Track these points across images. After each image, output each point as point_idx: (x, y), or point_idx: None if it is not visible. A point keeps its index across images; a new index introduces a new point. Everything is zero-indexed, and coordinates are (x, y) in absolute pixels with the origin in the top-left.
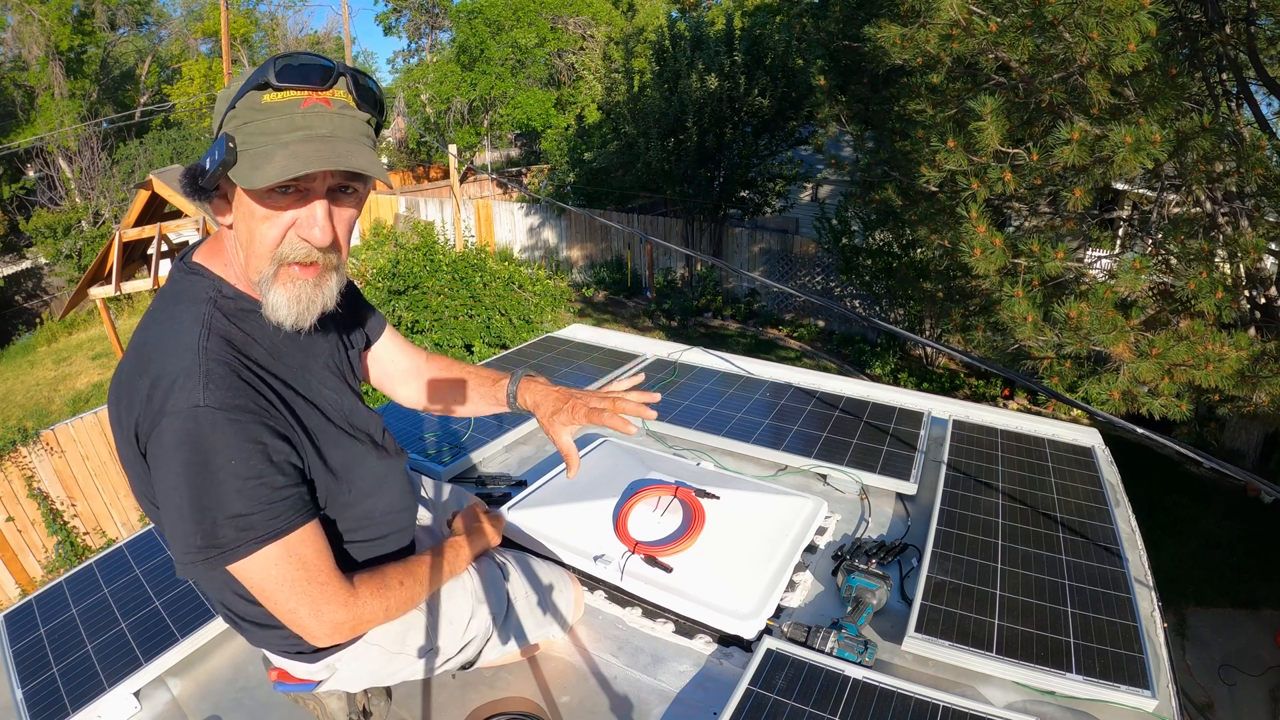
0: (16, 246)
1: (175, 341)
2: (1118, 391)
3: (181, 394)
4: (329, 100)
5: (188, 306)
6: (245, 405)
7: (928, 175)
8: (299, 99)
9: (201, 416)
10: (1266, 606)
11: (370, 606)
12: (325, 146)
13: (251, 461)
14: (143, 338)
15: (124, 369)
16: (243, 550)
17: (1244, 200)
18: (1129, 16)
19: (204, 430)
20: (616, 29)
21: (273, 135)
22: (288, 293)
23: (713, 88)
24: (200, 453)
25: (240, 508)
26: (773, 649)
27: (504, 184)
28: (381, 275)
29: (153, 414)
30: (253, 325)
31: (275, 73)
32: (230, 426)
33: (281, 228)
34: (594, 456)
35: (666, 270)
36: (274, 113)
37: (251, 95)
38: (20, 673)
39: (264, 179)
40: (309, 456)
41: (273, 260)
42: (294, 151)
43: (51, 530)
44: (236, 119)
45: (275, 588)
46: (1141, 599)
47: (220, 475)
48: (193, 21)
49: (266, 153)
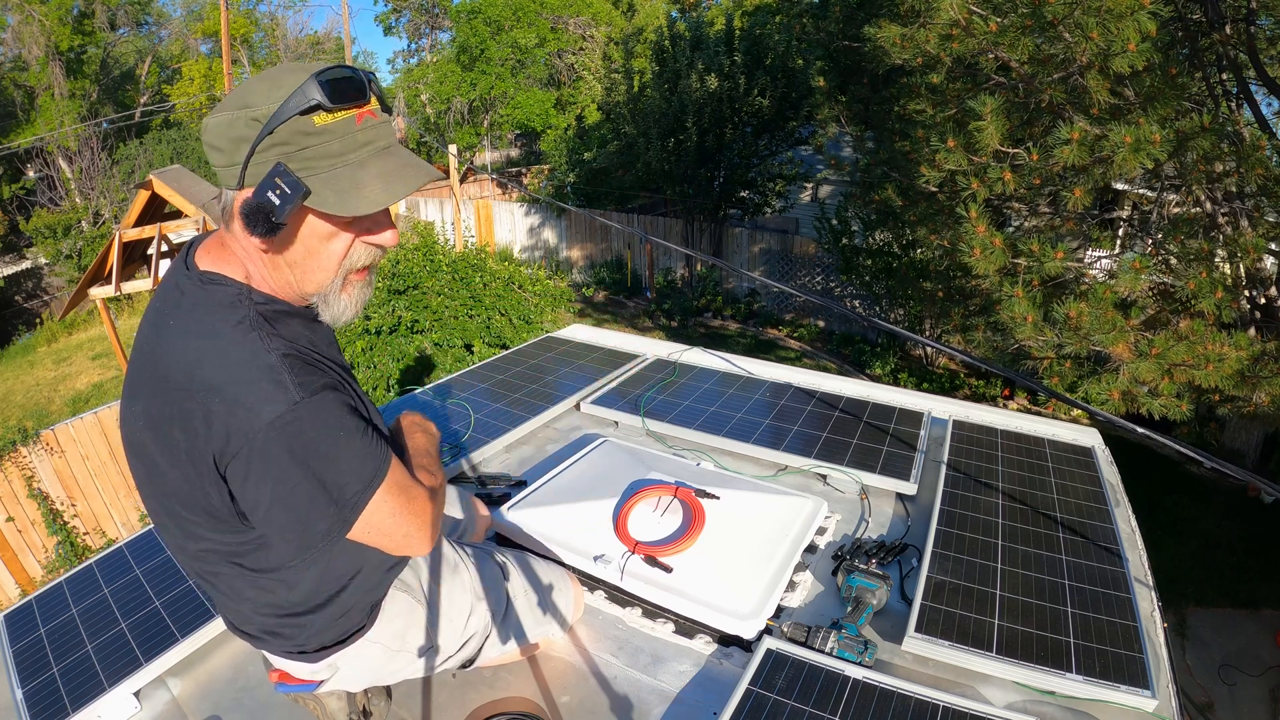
0: (16, 246)
1: (235, 354)
2: (1118, 391)
3: (275, 401)
4: (375, 112)
5: (225, 316)
6: (327, 381)
7: (928, 175)
8: (352, 116)
9: (303, 410)
10: (1266, 606)
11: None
12: (404, 160)
13: (350, 423)
14: (179, 356)
15: (161, 389)
16: (366, 496)
17: (1244, 200)
18: (1129, 16)
19: (310, 422)
20: (616, 29)
21: (339, 157)
22: (351, 296)
23: (712, 88)
24: (312, 440)
25: (355, 465)
26: (773, 649)
27: (504, 184)
28: (381, 275)
29: (246, 431)
30: (286, 326)
31: (328, 95)
32: (327, 403)
33: (348, 241)
34: (594, 456)
35: (666, 270)
36: (333, 135)
37: (299, 121)
38: (20, 673)
39: (369, 204)
40: (367, 410)
41: (340, 271)
42: (386, 175)
43: (51, 530)
44: (286, 146)
45: (392, 521)
46: (1141, 599)
47: (333, 448)
48: (193, 21)
49: (348, 176)
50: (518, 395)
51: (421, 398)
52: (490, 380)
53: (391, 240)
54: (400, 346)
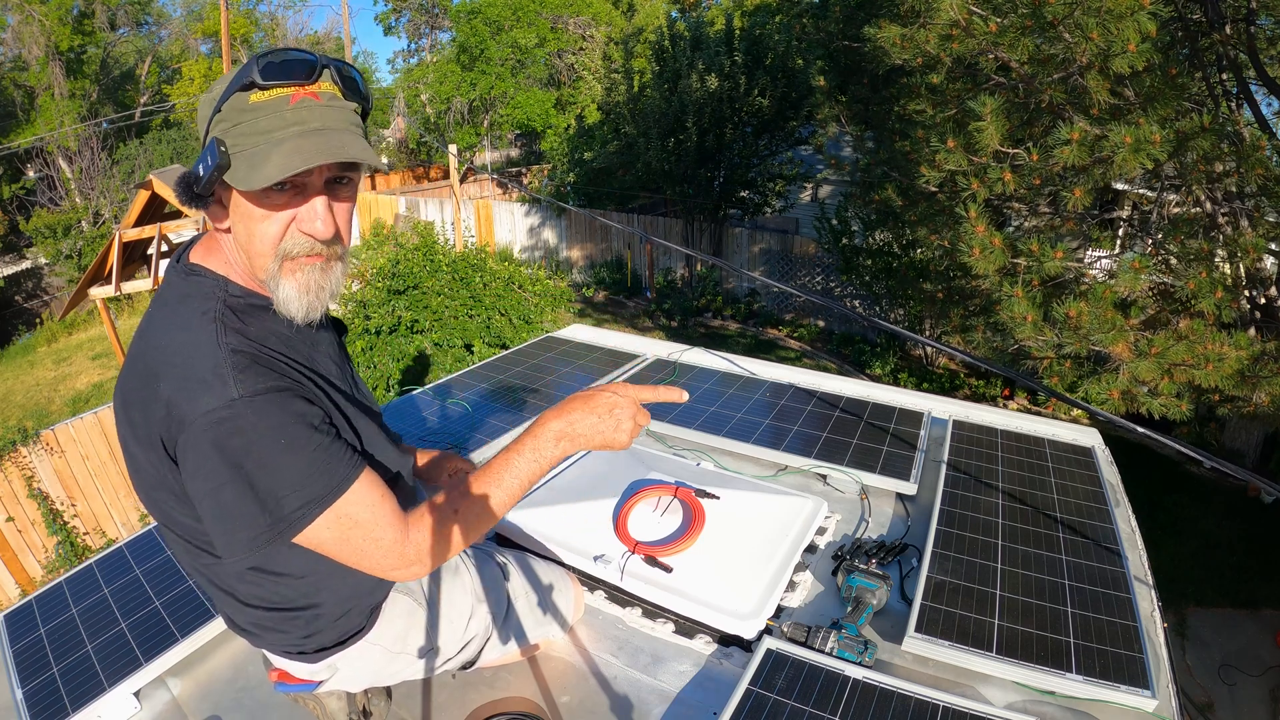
0: (16, 246)
1: (192, 342)
2: (1117, 391)
3: (212, 394)
4: (316, 94)
5: (196, 306)
6: (277, 384)
7: (928, 175)
8: (287, 95)
9: (240, 408)
10: (1266, 606)
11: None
12: (321, 139)
13: (298, 433)
14: (153, 342)
15: (134, 373)
16: (308, 514)
17: (1244, 200)
18: (1129, 17)
19: (247, 420)
20: (616, 29)
21: (265, 134)
22: (297, 282)
23: (713, 88)
24: (248, 443)
25: (296, 478)
26: (773, 649)
27: (504, 184)
28: (381, 275)
29: (182, 418)
30: (263, 321)
31: (260, 72)
32: (270, 407)
33: (282, 224)
34: (594, 456)
35: (666, 270)
36: (263, 112)
37: (237, 97)
38: (20, 673)
39: (263, 178)
40: (341, 426)
41: (276, 256)
42: (291, 148)
43: (51, 530)
44: (224, 122)
45: (339, 548)
46: (1141, 599)
47: (272, 456)
48: (193, 21)
49: (262, 152)
50: (518, 395)
51: (421, 398)
52: (490, 380)
53: (321, 232)
54: (400, 346)
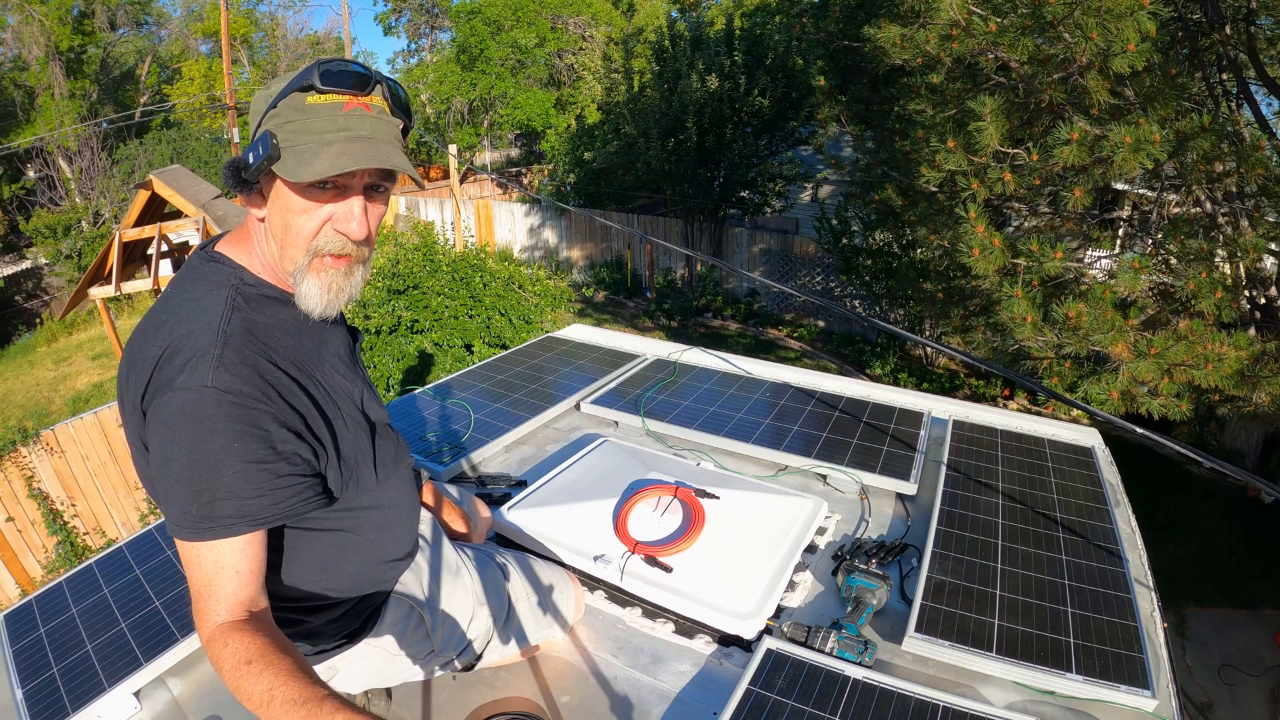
0: (16, 246)
1: (196, 318)
2: (1117, 391)
3: (192, 372)
4: (368, 105)
5: (209, 289)
6: (253, 394)
7: (928, 175)
8: (341, 102)
9: (207, 397)
10: (1266, 606)
11: (223, 656)
12: (368, 146)
13: (253, 446)
14: (162, 313)
15: (137, 338)
16: (237, 529)
17: (1244, 200)
18: (1129, 17)
19: (208, 410)
20: (616, 29)
21: (316, 134)
22: (320, 282)
23: (713, 88)
24: (202, 431)
25: (239, 489)
26: (773, 649)
27: (504, 184)
28: (381, 275)
29: (159, 384)
30: (273, 312)
31: (320, 76)
32: (234, 410)
33: (319, 221)
34: (594, 456)
35: (666, 270)
36: (317, 114)
37: (294, 97)
38: (20, 673)
39: (312, 173)
40: (324, 442)
41: (308, 252)
42: (340, 149)
43: (51, 530)
44: (279, 118)
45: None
46: (1141, 599)
47: (221, 455)
48: (193, 22)
49: (311, 149)
50: (518, 395)
51: (422, 398)
52: (490, 380)
53: (356, 232)
54: (400, 346)
